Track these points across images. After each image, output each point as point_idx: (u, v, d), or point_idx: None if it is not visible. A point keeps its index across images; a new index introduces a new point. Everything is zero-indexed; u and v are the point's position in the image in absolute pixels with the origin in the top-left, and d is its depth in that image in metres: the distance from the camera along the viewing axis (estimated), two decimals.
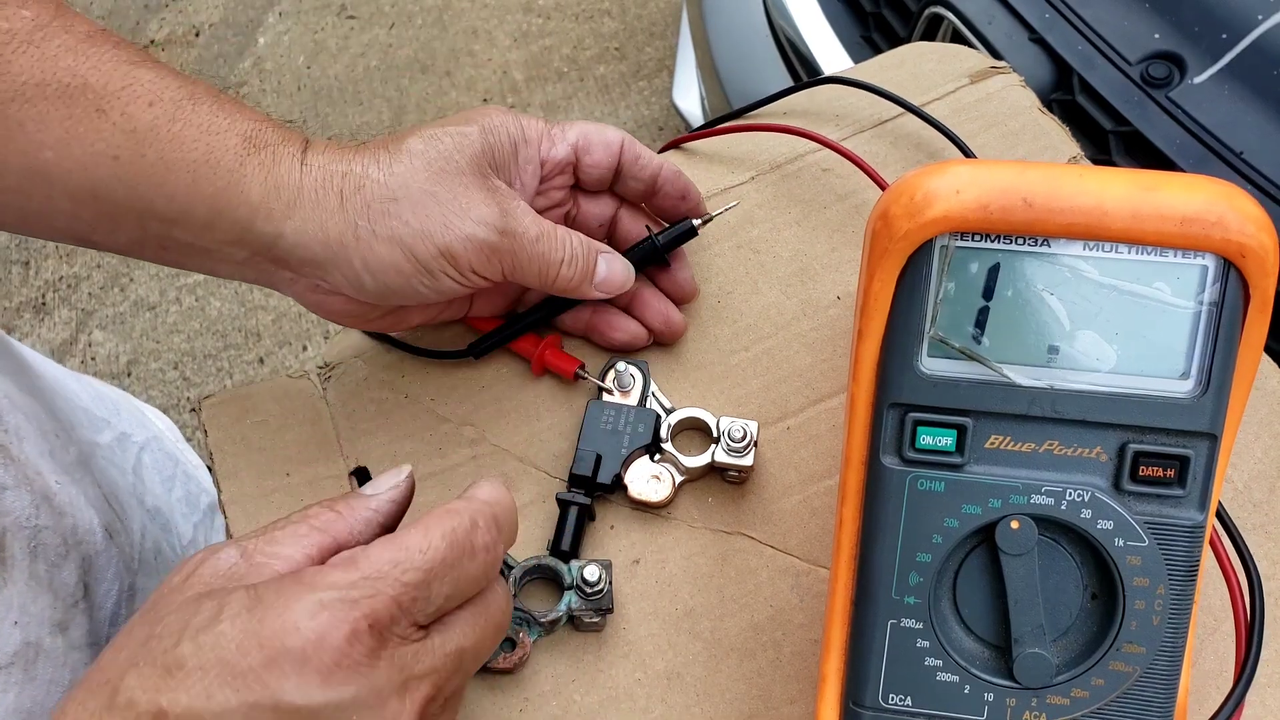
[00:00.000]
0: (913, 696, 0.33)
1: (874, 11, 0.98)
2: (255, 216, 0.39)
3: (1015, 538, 0.32)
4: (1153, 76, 0.76)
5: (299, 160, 0.40)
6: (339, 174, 0.40)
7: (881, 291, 0.32)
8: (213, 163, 0.39)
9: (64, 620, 0.45)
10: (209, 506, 0.69)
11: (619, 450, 0.44)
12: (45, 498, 0.46)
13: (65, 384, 0.59)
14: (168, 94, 0.38)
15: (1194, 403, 0.31)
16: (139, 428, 0.65)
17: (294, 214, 0.39)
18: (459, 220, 0.40)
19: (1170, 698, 0.33)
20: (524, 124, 0.44)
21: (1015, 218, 0.30)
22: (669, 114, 1.78)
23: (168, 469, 0.66)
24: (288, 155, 0.40)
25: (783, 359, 0.48)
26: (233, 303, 1.67)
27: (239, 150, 0.39)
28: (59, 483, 0.48)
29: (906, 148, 0.52)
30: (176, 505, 0.65)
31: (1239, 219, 0.29)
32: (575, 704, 0.42)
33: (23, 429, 0.48)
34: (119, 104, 0.37)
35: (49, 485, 0.47)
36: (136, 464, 0.62)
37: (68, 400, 0.57)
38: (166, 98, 0.38)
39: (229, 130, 0.39)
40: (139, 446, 0.63)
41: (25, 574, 0.43)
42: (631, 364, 0.46)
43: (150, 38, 1.99)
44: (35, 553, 0.44)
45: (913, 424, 0.32)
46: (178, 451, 0.69)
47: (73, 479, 0.50)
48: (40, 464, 0.47)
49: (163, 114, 0.38)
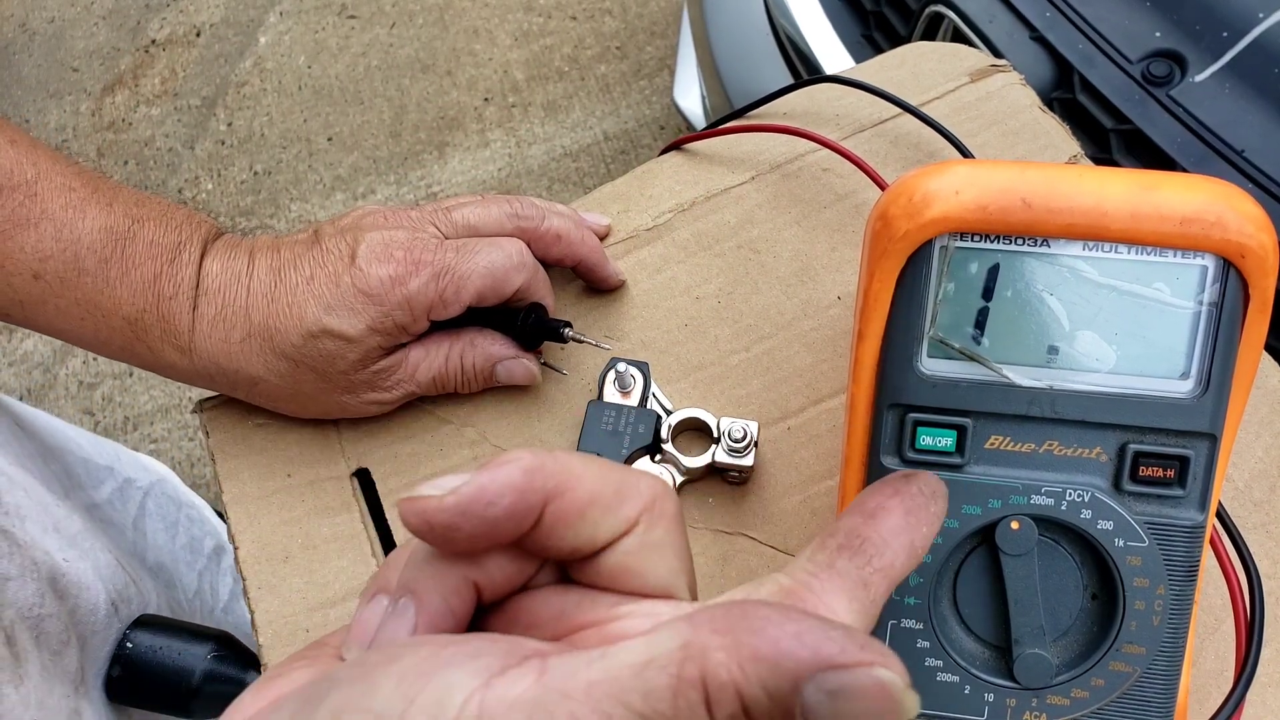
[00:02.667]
0: None
1: (874, 10, 0.98)
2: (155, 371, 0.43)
3: (1015, 538, 0.32)
4: (1153, 75, 0.76)
5: (187, 353, 0.42)
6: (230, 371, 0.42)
7: (881, 292, 0.32)
8: (102, 341, 0.42)
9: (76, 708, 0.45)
10: (214, 550, 0.68)
11: (619, 451, 0.44)
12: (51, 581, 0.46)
13: (64, 436, 0.58)
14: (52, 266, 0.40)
15: (1194, 403, 0.31)
16: (142, 471, 0.64)
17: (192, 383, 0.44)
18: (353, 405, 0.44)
19: (1170, 698, 0.33)
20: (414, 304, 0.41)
21: (1014, 218, 0.30)
22: (670, 113, 1.78)
23: (171, 513, 0.65)
24: (173, 348, 0.42)
25: (783, 359, 0.48)
26: None
27: (125, 334, 0.41)
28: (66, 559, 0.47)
29: (906, 147, 0.52)
30: (180, 554, 0.64)
31: (1238, 219, 0.29)
32: None
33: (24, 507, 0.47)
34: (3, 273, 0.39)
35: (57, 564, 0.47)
36: (139, 514, 0.61)
37: (68, 454, 0.57)
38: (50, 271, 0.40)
39: (114, 313, 0.41)
40: (143, 492, 0.62)
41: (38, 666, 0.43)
42: (632, 364, 0.46)
43: (151, 37, 1.99)
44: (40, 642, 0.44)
45: (912, 424, 0.32)
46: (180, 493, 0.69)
47: (80, 551, 0.49)
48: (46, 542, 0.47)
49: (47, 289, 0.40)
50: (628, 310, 0.49)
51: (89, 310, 0.40)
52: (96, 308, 0.40)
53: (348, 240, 0.41)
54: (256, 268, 0.42)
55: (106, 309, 0.40)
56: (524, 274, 0.43)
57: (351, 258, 0.41)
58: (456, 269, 0.41)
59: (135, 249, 0.41)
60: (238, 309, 0.41)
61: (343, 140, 1.80)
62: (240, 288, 0.41)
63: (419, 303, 0.41)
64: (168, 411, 1.59)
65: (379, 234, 0.41)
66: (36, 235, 0.39)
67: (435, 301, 0.41)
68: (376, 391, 0.43)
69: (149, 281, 0.41)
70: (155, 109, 1.90)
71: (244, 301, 0.41)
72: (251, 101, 1.88)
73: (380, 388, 0.43)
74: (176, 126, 1.87)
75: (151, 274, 0.41)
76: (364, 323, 0.40)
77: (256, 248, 0.43)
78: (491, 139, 1.78)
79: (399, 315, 0.41)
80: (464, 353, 0.44)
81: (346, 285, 0.40)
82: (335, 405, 0.44)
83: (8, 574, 0.43)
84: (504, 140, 1.77)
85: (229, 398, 0.49)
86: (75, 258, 0.40)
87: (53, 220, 0.39)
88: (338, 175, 1.76)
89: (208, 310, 0.41)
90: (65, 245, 0.39)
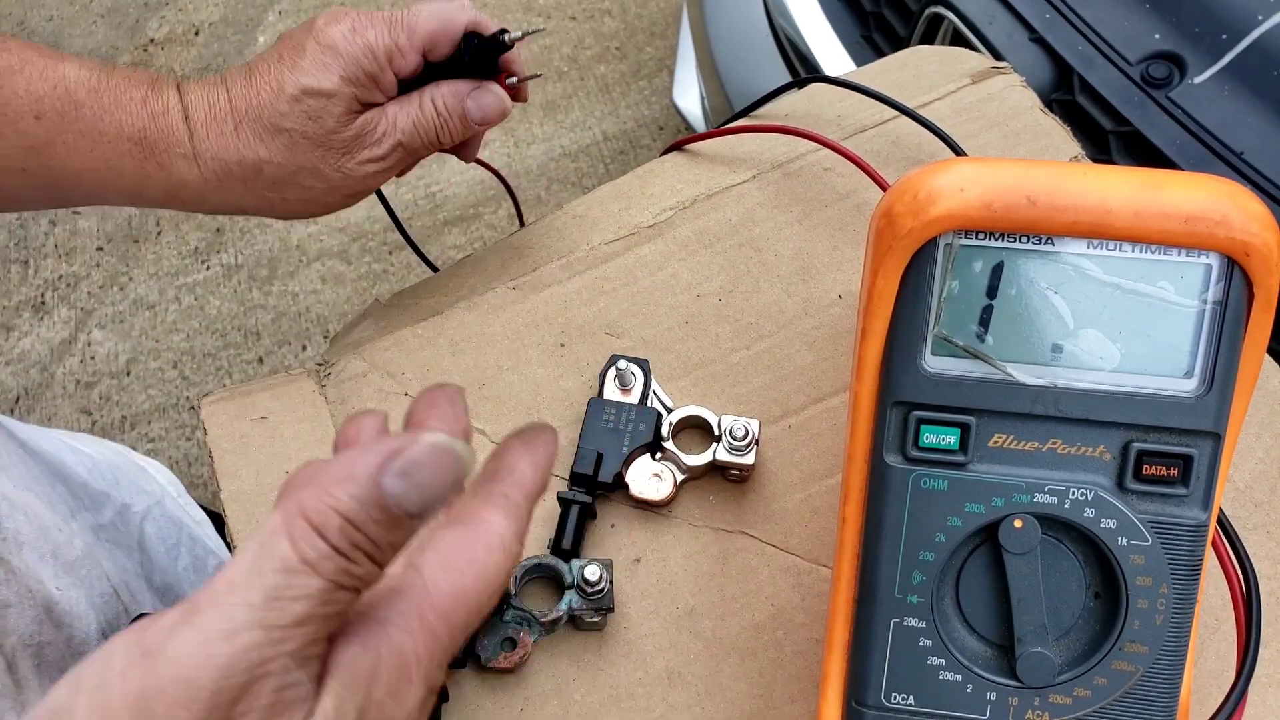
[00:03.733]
0: (915, 696, 0.33)
1: (874, 11, 0.98)
2: (171, 200, 0.45)
3: (1018, 536, 0.32)
4: (1153, 76, 0.76)
5: (192, 157, 0.44)
6: (234, 164, 0.44)
7: (885, 290, 0.32)
8: (114, 169, 0.43)
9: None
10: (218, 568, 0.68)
11: (620, 449, 0.44)
12: (47, 609, 0.46)
13: (62, 459, 0.58)
14: (49, 104, 0.42)
15: (1198, 402, 0.31)
16: (139, 494, 0.64)
17: (204, 200, 0.45)
18: (355, 170, 0.46)
19: (1173, 697, 0.33)
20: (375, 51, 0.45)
21: (1019, 216, 0.30)
22: (669, 113, 1.78)
23: (171, 535, 0.65)
24: (180, 155, 0.44)
25: (784, 357, 0.48)
26: (232, 302, 1.67)
27: (135, 155, 0.43)
28: (59, 588, 0.47)
29: (907, 148, 0.52)
30: (184, 575, 0.64)
31: (1243, 217, 0.29)
32: (575, 704, 0.42)
33: (23, 533, 0.47)
34: (7, 121, 0.41)
35: (50, 594, 0.47)
36: (140, 538, 0.61)
37: (67, 478, 0.57)
38: (49, 109, 0.42)
39: (118, 135, 0.43)
40: (140, 517, 0.62)
41: (38, 693, 0.43)
42: (633, 362, 0.46)
43: (150, 36, 1.99)
44: (41, 670, 0.44)
45: (916, 422, 0.32)
46: (181, 512, 0.69)
47: (76, 579, 0.49)
48: (41, 570, 0.47)
49: (52, 127, 0.42)
50: (628, 308, 0.49)
51: (95, 140, 0.42)
52: (101, 135, 0.43)
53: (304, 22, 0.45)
54: (230, 74, 0.45)
55: (110, 134, 0.43)
56: (467, 13, 0.46)
57: (310, 27, 0.44)
58: (405, 16, 0.45)
59: (116, 80, 0.44)
60: (223, 105, 0.44)
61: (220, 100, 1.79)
62: (220, 89, 0.44)
63: (379, 49, 0.44)
64: (165, 411, 1.59)
65: (332, 9, 0.45)
66: (25, 79, 0.42)
67: (392, 48, 0.44)
68: (368, 149, 0.45)
69: (139, 104, 0.44)
70: None
71: (226, 98, 0.44)
72: None
73: (369, 143, 0.45)
74: None
75: (140, 97, 0.44)
76: (336, 74, 0.43)
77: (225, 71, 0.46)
78: (490, 139, 1.78)
79: (365, 63, 0.44)
80: (433, 96, 0.46)
81: (312, 47, 0.44)
82: (338, 176, 0.46)
83: (7, 600, 0.43)
84: (502, 140, 1.77)
85: (228, 396, 0.48)
86: (67, 92, 0.43)
87: (35, 65, 0.43)
88: None
89: (198, 114, 0.44)
90: (54, 84, 0.42)
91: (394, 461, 0.23)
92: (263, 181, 0.45)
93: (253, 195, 0.46)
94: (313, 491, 0.23)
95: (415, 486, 0.23)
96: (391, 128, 0.46)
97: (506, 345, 0.49)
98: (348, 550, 0.23)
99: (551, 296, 0.50)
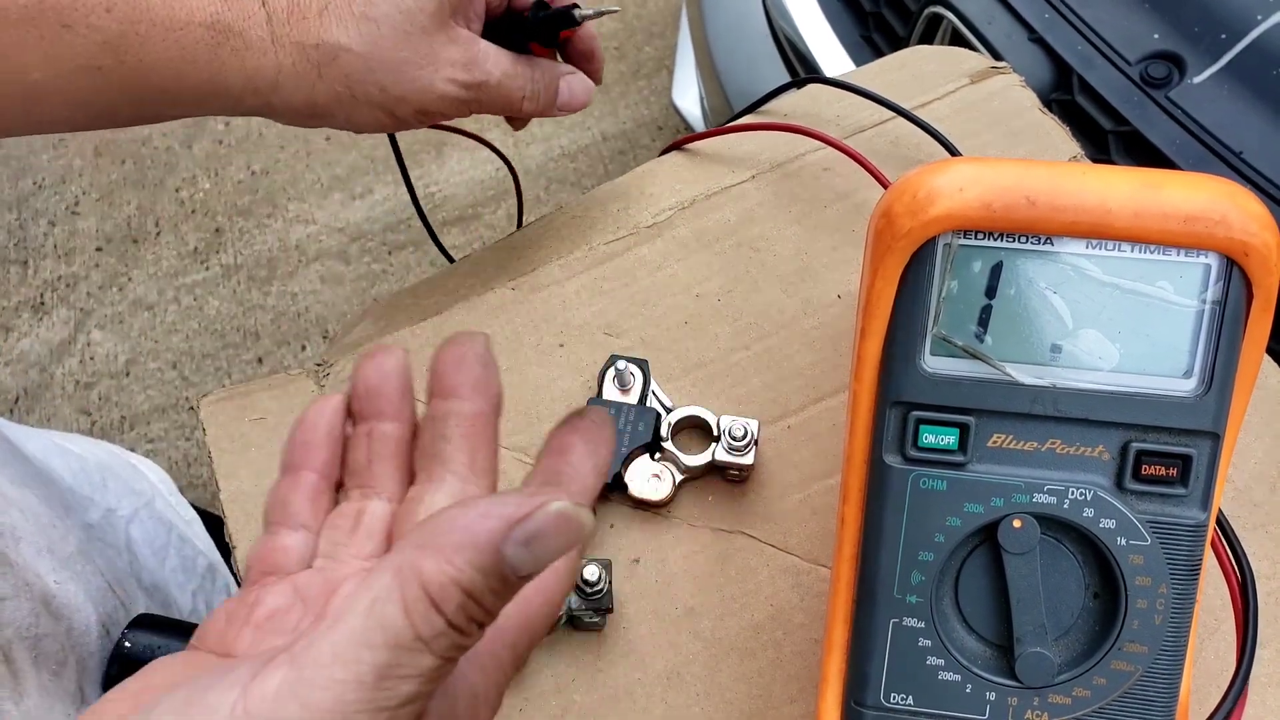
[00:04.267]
0: (914, 696, 0.33)
1: (873, 11, 0.98)
2: (242, 97, 0.42)
3: (1017, 536, 0.32)
4: (1152, 76, 0.76)
5: (269, 41, 0.42)
6: (311, 47, 0.42)
7: (884, 290, 0.32)
8: (188, 59, 0.41)
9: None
10: (207, 568, 0.68)
11: (619, 449, 0.44)
12: (44, 602, 0.46)
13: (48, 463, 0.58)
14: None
15: (1197, 402, 0.31)
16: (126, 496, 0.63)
17: (277, 90, 0.42)
18: (430, 81, 0.43)
19: (1172, 697, 0.33)
20: None
21: (1018, 216, 0.30)
22: (668, 113, 1.78)
23: (160, 538, 0.65)
24: (256, 39, 0.41)
25: (783, 357, 0.48)
26: (231, 302, 1.67)
27: (209, 42, 0.41)
28: (57, 582, 0.47)
29: (907, 147, 0.52)
30: (171, 576, 0.64)
31: (1242, 217, 0.29)
32: (575, 704, 0.42)
33: (19, 528, 0.47)
34: (79, 15, 0.39)
35: (48, 587, 0.46)
36: (127, 540, 0.61)
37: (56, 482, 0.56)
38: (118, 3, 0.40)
39: (190, 22, 0.40)
40: (125, 520, 0.62)
41: (35, 685, 0.43)
42: (632, 362, 0.46)
43: None
44: (38, 662, 0.44)
45: (915, 422, 0.32)
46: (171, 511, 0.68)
47: (73, 573, 0.49)
48: (38, 564, 0.47)
49: (124, 17, 0.39)
50: (627, 307, 0.49)
51: (168, 28, 0.40)
52: (174, 23, 0.40)
53: None
54: None
55: (182, 20, 0.40)
56: None
57: None
58: None
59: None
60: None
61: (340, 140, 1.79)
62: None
63: None
64: (164, 411, 1.59)
65: None
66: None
67: None
68: (453, 68, 0.44)
69: None
70: None
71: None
72: None
73: (457, 62, 0.44)
74: (174, 125, 1.87)
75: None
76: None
77: None
78: (490, 139, 1.78)
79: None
80: (534, 62, 0.46)
81: None
82: (413, 87, 0.44)
83: (3, 594, 0.43)
84: (501, 140, 1.77)
85: (227, 396, 0.48)
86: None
87: None
88: (335, 175, 1.76)
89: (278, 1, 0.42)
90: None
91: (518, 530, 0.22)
92: (338, 71, 0.43)
93: (325, 87, 0.43)
94: (432, 558, 0.21)
95: (535, 557, 0.22)
96: (484, 56, 0.45)
97: (505, 345, 0.49)
98: (464, 625, 0.22)
99: (550, 296, 0.50)
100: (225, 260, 1.70)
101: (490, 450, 0.29)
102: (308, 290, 1.66)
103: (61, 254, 1.74)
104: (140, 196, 1.78)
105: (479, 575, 0.21)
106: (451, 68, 0.44)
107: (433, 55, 0.43)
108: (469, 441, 0.28)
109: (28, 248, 1.75)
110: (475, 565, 0.21)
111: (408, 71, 0.43)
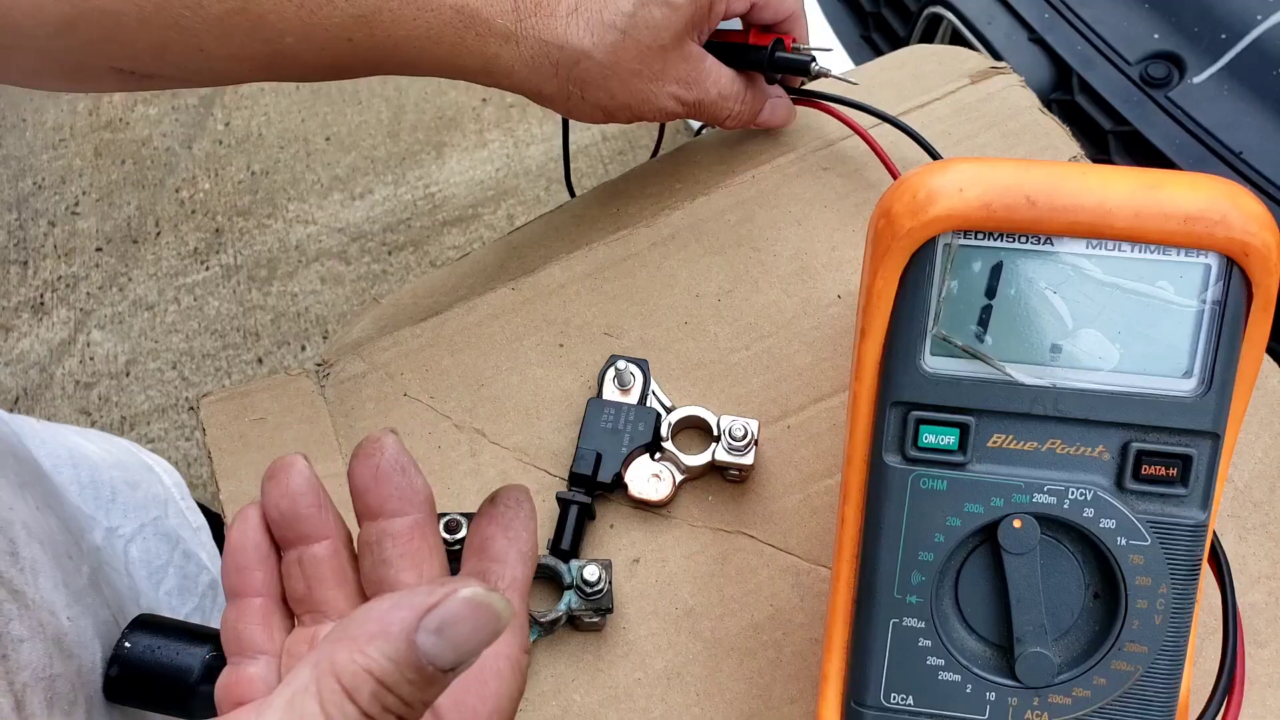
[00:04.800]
0: (914, 696, 0.33)
1: (873, 11, 0.98)
2: (476, 76, 0.44)
3: (1017, 536, 0.32)
4: (1152, 76, 0.76)
5: (513, 31, 0.43)
6: (554, 48, 0.43)
7: (884, 290, 0.32)
8: (434, 38, 0.42)
9: None
10: (209, 585, 0.68)
11: (619, 449, 0.44)
12: (57, 641, 0.45)
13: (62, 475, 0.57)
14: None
15: (1197, 402, 0.31)
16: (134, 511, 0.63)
17: (510, 77, 0.44)
18: (655, 94, 0.46)
19: (1172, 696, 0.33)
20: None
21: (1018, 216, 0.30)
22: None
23: (160, 557, 0.64)
24: (500, 28, 0.43)
25: (783, 357, 0.48)
26: (231, 302, 1.67)
27: (456, 25, 0.42)
28: (70, 618, 0.47)
29: (906, 147, 0.52)
30: (165, 600, 0.63)
31: (1242, 217, 0.29)
32: (575, 704, 0.42)
33: (39, 562, 0.46)
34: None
35: (61, 625, 0.46)
36: (126, 561, 0.60)
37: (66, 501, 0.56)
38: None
39: (442, 4, 0.42)
40: (125, 540, 0.62)
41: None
42: (632, 362, 0.46)
43: None
44: (51, 703, 0.43)
45: (915, 422, 0.32)
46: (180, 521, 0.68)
47: (84, 607, 0.49)
48: (54, 600, 0.46)
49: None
50: (627, 307, 0.49)
51: (419, 8, 0.41)
52: (427, 3, 0.41)
53: None
54: None
55: (435, 2, 0.42)
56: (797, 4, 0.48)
57: None
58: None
59: None
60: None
61: (340, 140, 1.79)
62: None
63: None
64: (164, 411, 1.59)
65: None
66: None
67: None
68: (679, 86, 0.46)
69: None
70: (152, 108, 1.90)
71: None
72: (249, 101, 1.88)
73: (684, 80, 0.46)
74: (174, 126, 1.87)
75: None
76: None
77: None
78: (490, 139, 1.78)
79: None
80: (744, 81, 0.48)
81: None
82: (639, 97, 0.46)
83: (21, 636, 0.43)
84: (502, 140, 1.77)
85: (227, 396, 0.48)
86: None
87: None
88: (335, 175, 1.76)
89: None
90: None
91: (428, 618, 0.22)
92: (574, 74, 0.44)
93: (557, 83, 0.45)
94: (345, 649, 0.22)
95: (451, 645, 0.22)
96: (709, 76, 0.46)
97: (505, 345, 0.49)
98: (378, 715, 0.22)
99: (550, 296, 0.50)
100: (225, 260, 1.70)
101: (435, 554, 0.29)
102: (308, 290, 1.66)
103: (61, 254, 1.74)
104: (140, 196, 1.78)
105: (391, 665, 0.22)
106: (676, 85, 0.46)
107: (664, 71, 0.45)
108: (411, 559, 0.28)
109: (28, 248, 1.75)
110: (387, 655, 0.22)
111: (637, 84, 0.45)
